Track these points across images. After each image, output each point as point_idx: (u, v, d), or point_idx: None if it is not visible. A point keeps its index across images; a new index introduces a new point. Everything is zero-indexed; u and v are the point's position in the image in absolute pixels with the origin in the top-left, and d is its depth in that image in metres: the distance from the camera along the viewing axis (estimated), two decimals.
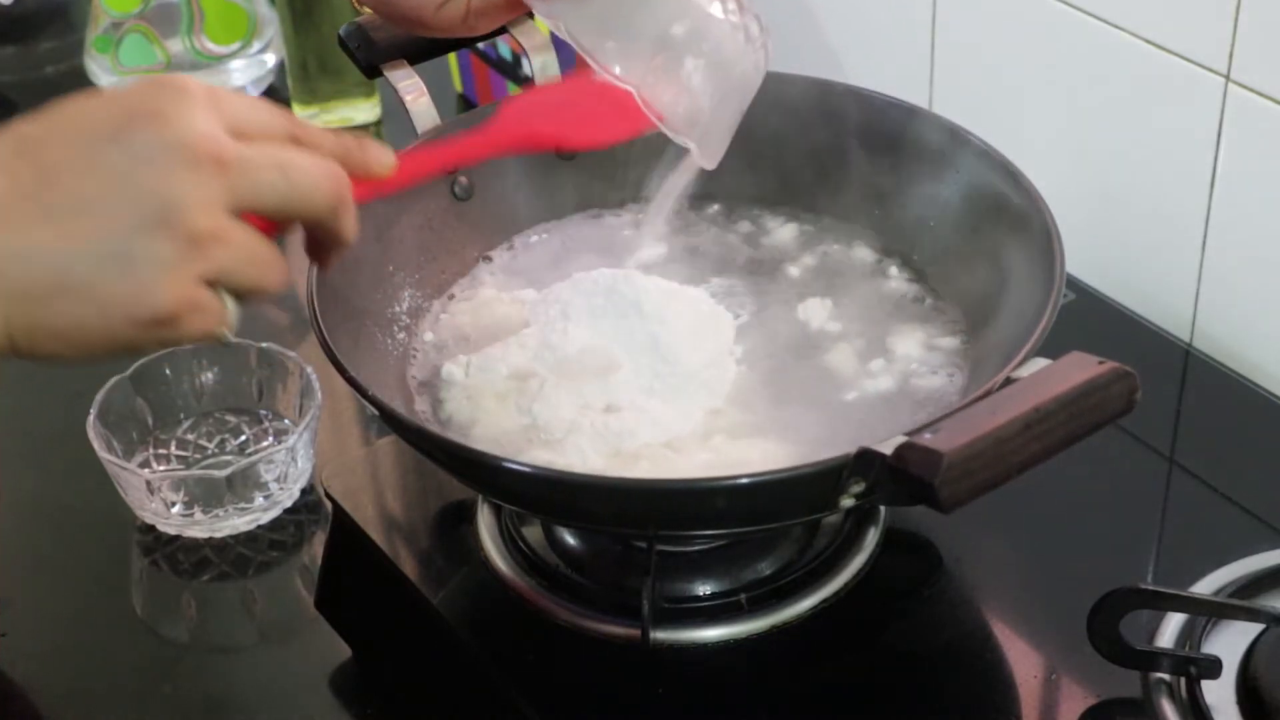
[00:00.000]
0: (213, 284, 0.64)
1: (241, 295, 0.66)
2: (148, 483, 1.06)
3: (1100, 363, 0.71)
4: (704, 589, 0.88)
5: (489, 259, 1.02)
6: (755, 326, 0.95)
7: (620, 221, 1.04)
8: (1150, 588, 0.85)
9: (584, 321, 0.90)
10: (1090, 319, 1.15)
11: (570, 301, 0.91)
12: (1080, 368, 0.71)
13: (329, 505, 1.01)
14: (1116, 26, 1.11)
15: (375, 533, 0.96)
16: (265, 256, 0.66)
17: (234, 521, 1.08)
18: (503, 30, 1.03)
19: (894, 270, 0.99)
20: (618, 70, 0.84)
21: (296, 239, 0.72)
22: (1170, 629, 0.86)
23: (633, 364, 0.88)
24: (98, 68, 1.55)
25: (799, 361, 0.93)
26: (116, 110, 0.63)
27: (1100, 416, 0.71)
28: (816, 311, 0.96)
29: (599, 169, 1.04)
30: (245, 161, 0.64)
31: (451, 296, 0.99)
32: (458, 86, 1.52)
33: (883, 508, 0.92)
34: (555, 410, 0.86)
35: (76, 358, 0.64)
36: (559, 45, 0.92)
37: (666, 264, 0.99)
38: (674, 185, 0.94)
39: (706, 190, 1.02)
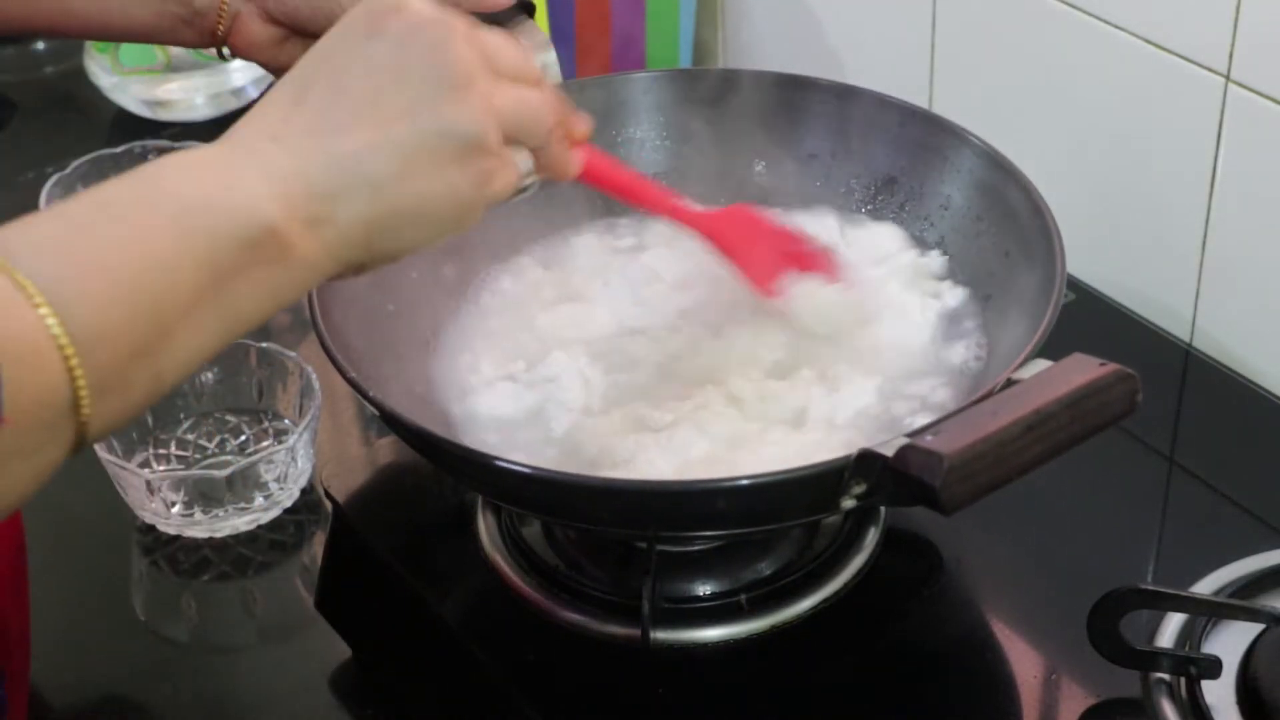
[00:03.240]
0: (508, 140, 0.70)
1: (530, 142, 0.71)
2: (148, 483, 1.06)
3: (1102, 364, 0.71)
4: (704, 589, 0.88)
5: (496, 259, 1.02)
6: None
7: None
8: (1150, 588, 0.85)
9: None
10: (1090, 319, 1.15)
11: None
12: (1082, 369, 0.71)
13: (329, 505, 1.01)
14: (1116, 26, 1.11)
15: (375, 533, 0.96)
16: (537, 100, 0.71)
17: (234, 521, 1.08)
18: (503, 31, 1.03)
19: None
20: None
21: None
22: (1170, 629, 0.86)
23: None
24: (97, 68, 1.55)
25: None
26: (360, 16, 0.68)
27: (1102, 418, 0.71)
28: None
29: None
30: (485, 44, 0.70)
31: (455, 294, 0.99)
32: None
33: (883, 508, 0.92)
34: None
35: (421, 242, 0.69)
36: (558, 46, 0.93)
37: None
38: None
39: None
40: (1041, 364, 0.74)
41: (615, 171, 0.85)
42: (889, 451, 0.68)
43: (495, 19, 1.02)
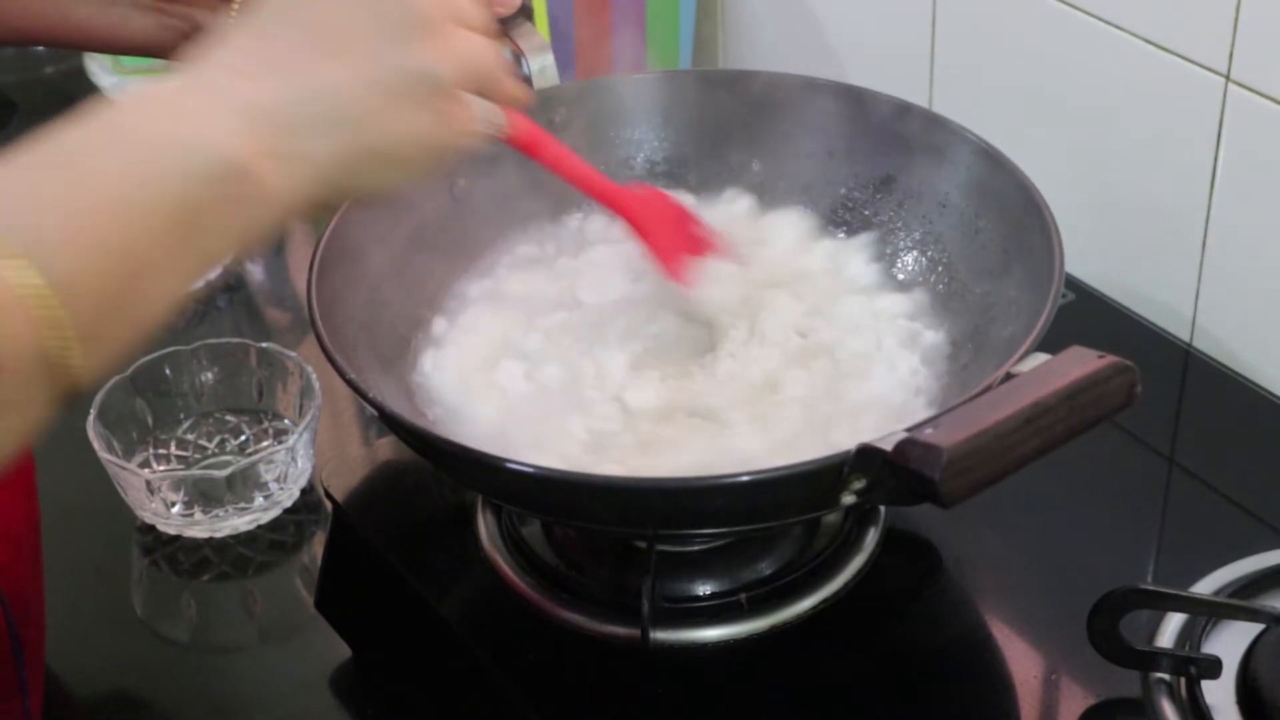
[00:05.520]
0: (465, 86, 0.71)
1: (485, 90, 0.72)
2: (148, 483, 1.06)
3: (1100, 357, 0.71)
4: (704, 589, 0.88)
5: (487, 259, 1.02)
6: None
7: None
8: (1150, 588, 0.85)
9: None
10: (1090, 319, 1.15)
11: None
12: (1080, 362, 0.71)
13: (329, 505, 1.01)
14: (1116, 26, 1.11)
15: (375, 533, 0.96)
16: (485, 46, 0.72)
17: (234, 521, 1.08)
18: (501, 33, 1.03)
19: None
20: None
21: (297, 241, 0.73)
22: (1170, 629, 0.86)
23: None
24: (98, 68, 1.55)
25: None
26: None
27: (1101, 410, 0.71)
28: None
29: (600, 170, 1.04)
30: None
31: (453, 296, 0.99)
32: None
33: (882, 508, 0.92)
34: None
35: (388, 182, 0.69)
36: (556, 46, 0.93)
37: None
38: None
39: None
40: (1040, 357, 0.74)
41: (552, 144, 0.86)
42: (888, 446, 0.68)
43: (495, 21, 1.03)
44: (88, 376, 0.58)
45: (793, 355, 0.93)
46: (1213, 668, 0.83)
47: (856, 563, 0.90)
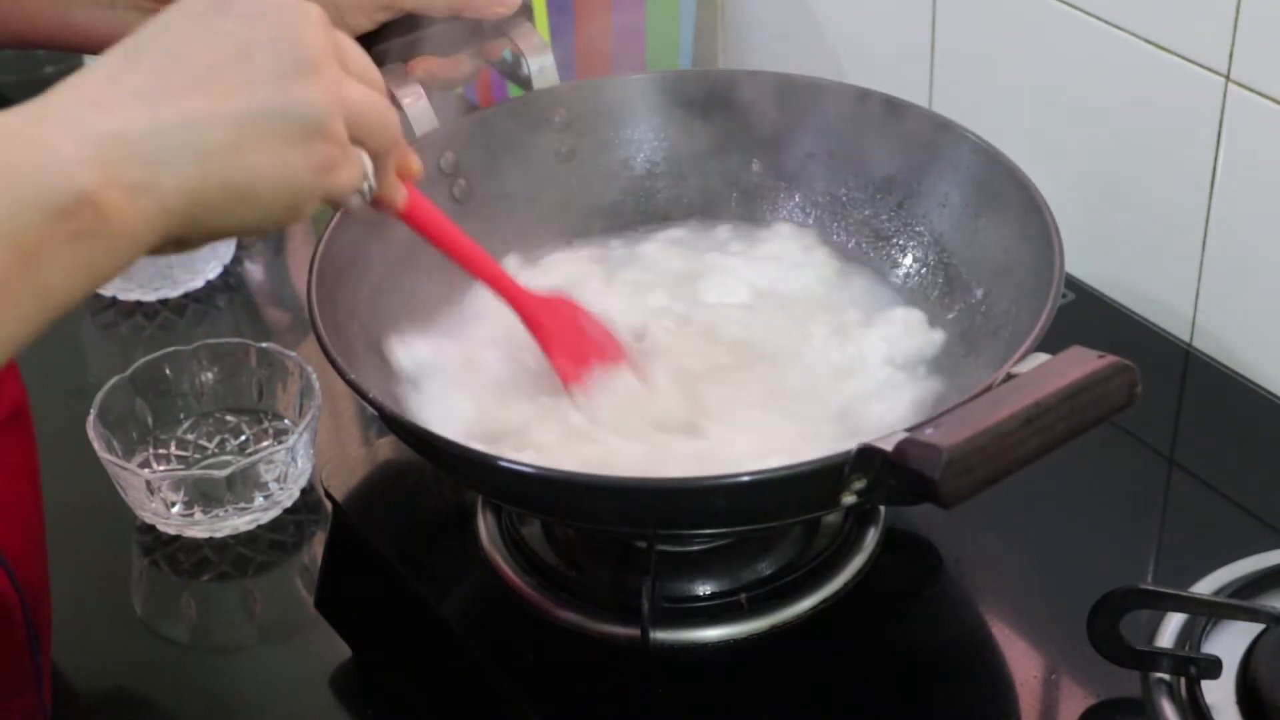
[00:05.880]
0: (352, 137, 0.67)
1: (370, 146, 0.69)
2: (148, 483, 1.06)
3: (1100, 356, 0.71)
4: (704, 589, 0.88)
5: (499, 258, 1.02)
6: None
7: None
8: (1150, 588, 0.85)
9: None
10: (1090, 319, 1.15)
11: None
12: (1080, 362, 0.71)
13: (329, 505, 1.01)
14: (1116, 26, 1.11)
15: (375, 533, 0.96)
16: (382, 103, 0.69)
17: (234, 521, 1.08)
18: (501, 34, 1.03)
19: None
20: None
21: (297, 241, 0.73)
22: (1170, 629, 0.86)
23: None
24: None
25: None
26: None
27: (1101, 410, 0.71)
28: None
29: (600, 171, 1.04)
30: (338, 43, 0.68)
31: (454, 296, 0.99)
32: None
33: (882, 508, 0.92)
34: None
35: (250, 223, 0.65)
36: (556, 46, 0.93)
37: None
38: None
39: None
40: (1040, 357, 0.74)
41: (442, 222, 0.82)
42: (888, 446, 0.68)
43: (495, 23, 1.03)
44: None
45: (791, 355, 0.93)
46: (1213, 668, 0.83)
47: (856, 563, 0.90)
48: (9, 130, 0.60)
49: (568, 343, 0.89)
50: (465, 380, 0.92)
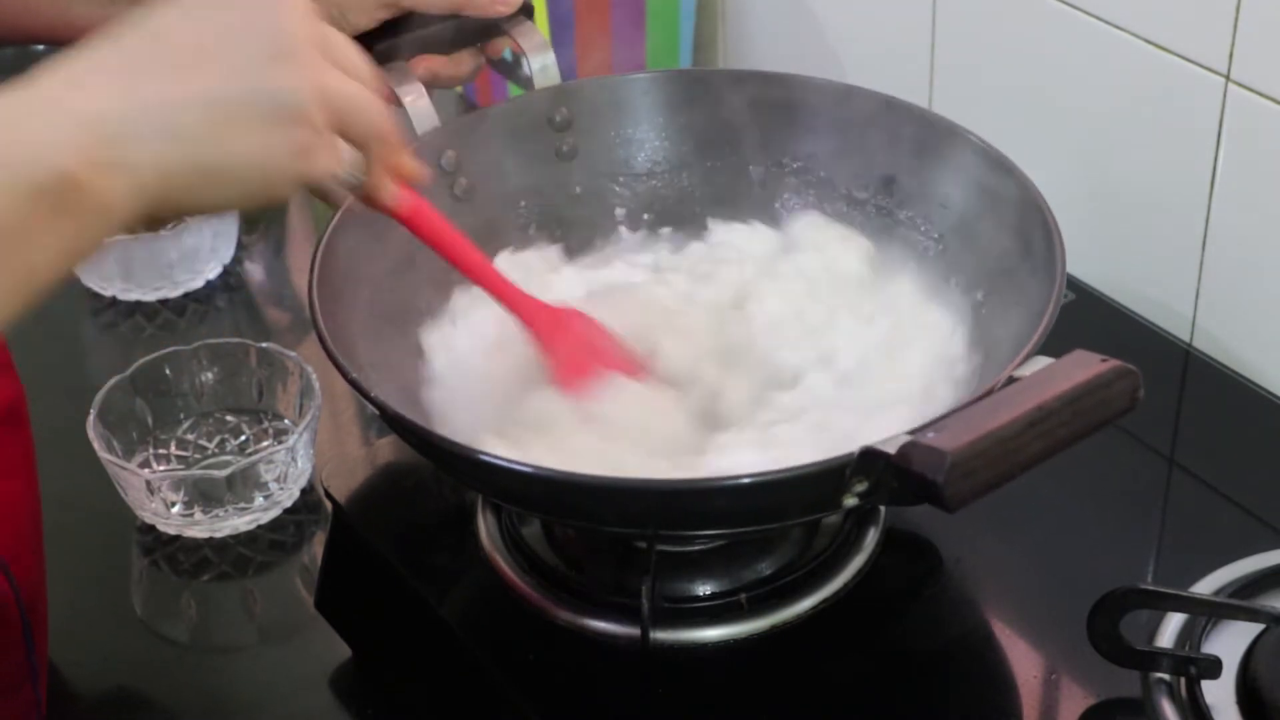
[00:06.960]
0: (334, 126, 0.68)
1: (352, 135, 0.70)
2: (148, 483, 1.06)
3: (1103, 360, 0.71)
4: (704, 589, 0.88)
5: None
6: None
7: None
8: (1150, 588, 0.85)
9: None
10: (1090, 319, 1.15)
11: None
12: (1083, 366, 0.71)
13: (329, 505, 1.01)
14: (1116, 26, 1.11)
15: (375, 533, 0.96)
16: (364, 93, 0.70)
17: (234, 521, 1.08)
18: (502, 33, 1.03)
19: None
20: None
21: (297, 241, 0.73)
22: (1170, 629, 0.86)
23: None
24: None
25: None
26: None
27: (1103, 414, 0.71)
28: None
29: (601, 170, 1.04)
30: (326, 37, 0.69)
31: (455, 296, 0.99)
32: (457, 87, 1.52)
33: (882, 508, 0.92)
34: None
35: (222, 203, 0.67)
36: (556, 46, 0.93)
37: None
38: None
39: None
40: (1043, 361, 0.74)
41: (443, 227, 0.83)
42: (891, 449, 0.68)
43: (496, 21, 1.03)
44: None
45: (790, 358, 0.93)
46: (1213, 668, 0.83)
47: (856, 563, 0.90)
48: None
49: (569, 351, 0.89)
50: (465, 380, 0.93)
